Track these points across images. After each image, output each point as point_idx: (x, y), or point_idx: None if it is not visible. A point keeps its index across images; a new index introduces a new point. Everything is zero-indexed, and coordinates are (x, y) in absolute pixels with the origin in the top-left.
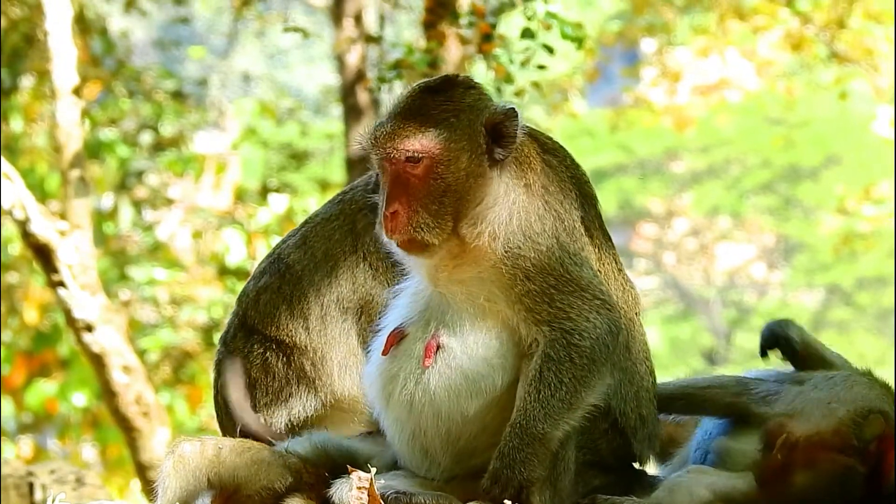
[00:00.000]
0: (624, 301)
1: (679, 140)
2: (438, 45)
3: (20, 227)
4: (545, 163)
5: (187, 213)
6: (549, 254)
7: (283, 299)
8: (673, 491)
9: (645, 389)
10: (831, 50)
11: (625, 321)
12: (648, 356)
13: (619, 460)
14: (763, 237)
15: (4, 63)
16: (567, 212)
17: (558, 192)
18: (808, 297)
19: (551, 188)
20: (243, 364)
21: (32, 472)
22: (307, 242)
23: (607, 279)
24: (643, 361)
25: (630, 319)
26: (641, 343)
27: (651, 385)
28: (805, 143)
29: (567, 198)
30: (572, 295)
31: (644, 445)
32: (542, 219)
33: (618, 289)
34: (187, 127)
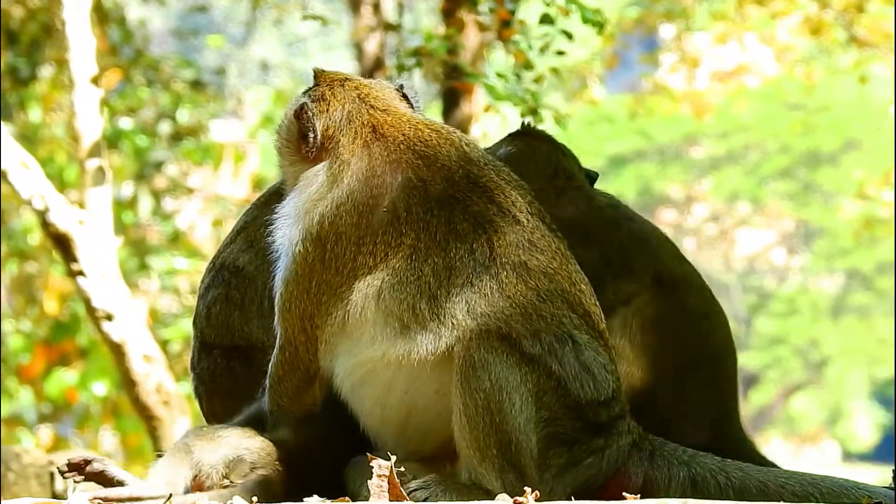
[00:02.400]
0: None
1: (698, 126)
2: (457, 32)
3: (39, 217)
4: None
5: (206, 201)
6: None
7: (233, 306)
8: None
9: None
10: (850, 34)
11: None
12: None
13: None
14: (783, 222)
15: (23, 53)
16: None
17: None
18: (828, 282)
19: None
20: (213, 382)
21: (53, 461)
22: (254, 244)
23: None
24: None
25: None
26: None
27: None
28: (824, 128)
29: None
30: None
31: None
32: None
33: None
34: (205, 116)
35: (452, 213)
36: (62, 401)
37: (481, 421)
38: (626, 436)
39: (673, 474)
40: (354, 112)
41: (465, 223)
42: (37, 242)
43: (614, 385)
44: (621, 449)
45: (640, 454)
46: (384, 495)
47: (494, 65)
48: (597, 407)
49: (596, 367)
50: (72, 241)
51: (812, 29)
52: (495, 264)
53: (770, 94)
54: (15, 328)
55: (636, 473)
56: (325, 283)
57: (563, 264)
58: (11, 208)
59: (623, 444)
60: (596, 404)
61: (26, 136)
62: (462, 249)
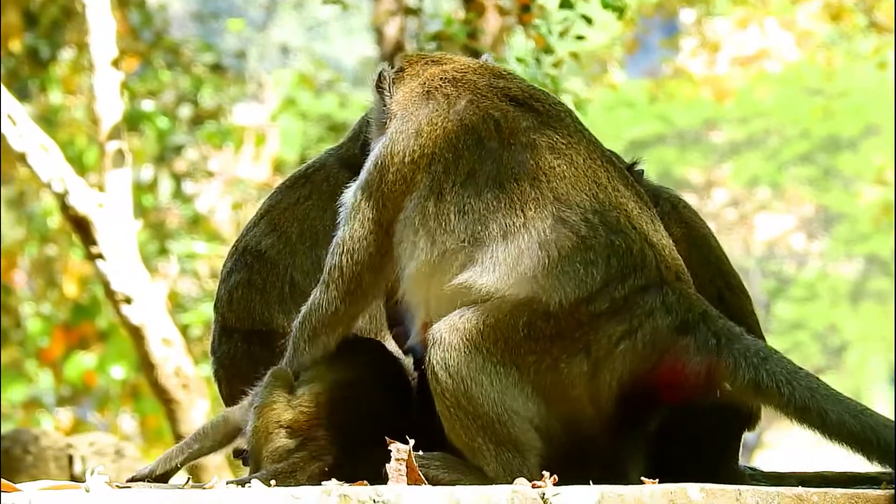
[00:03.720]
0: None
1: (718, 111)
2: (477, 17)
3: (59, 200)
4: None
5: (227, 185)
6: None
7: (255, 290)
8: None
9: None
10: (870, 20)
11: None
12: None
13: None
14: (802, 207)
15: (43, 35)
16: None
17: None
18: (847, 267)
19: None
20: (233, 366)
21: (72, 444)
22: (277, 228)
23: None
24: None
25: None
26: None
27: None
28: (844, 113)
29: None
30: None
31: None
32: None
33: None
34: (226, 99)
35: (464, 114)
36: (81, 384)
37: (455, 420)
38: (662, 315)
39: (739, 374)
40: (431, 72)
41: (474, 117)
42: (56, 225)
43: (612, 265)
44: (658, 330)
45: (697, 338)
46: (402, 479)
47: (514, 49)
48: (586, 303)
49: (573, 264)
50: (91, 225)
51: (832, 14)
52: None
53: (790, 80)
54: (35, 311)
55: (694, 361)
56: (370, 221)
57: (583, 146)
58: (31, 191)
59: (661, 324)
60: (582, 301)
61: (46, 119)
62: (470, 138)
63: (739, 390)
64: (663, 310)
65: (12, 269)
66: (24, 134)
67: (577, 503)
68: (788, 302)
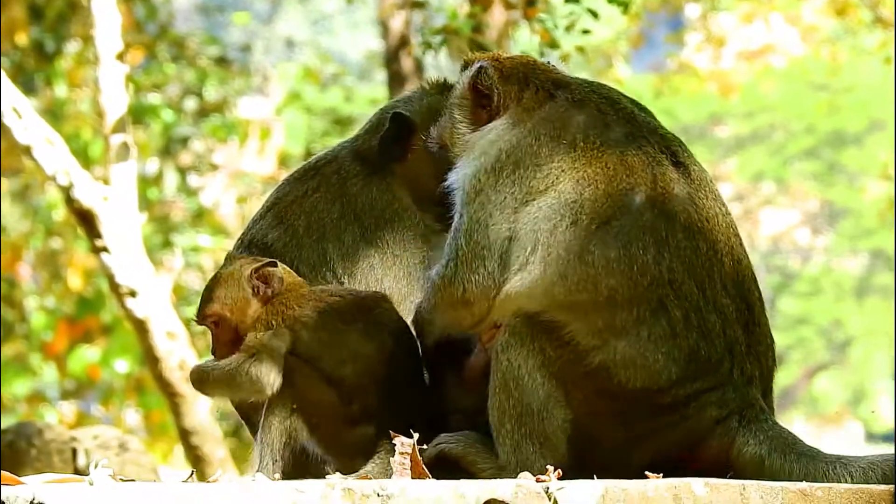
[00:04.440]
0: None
1: (723, 105)
2: (483, 10)
3: (64, 193)
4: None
5: (231, 178)
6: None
7: None
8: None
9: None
10: (875, 15)
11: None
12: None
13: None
14: (807, 202)
15: (48, 29)
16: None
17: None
18: (852, 262)
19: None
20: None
21: (76, 437)
22: (284, 221)
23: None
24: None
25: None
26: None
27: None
28: (849, 108)
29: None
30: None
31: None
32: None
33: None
34: (231, 93)
35: (626, 147)
36: (85, 377)
37: (496, 398)
38: (712, 408)
39: (747, 458)
40: (530, 72)
41: (635, 159)
42: (61, 219)
43: (689, 369)
44: (703, 421)
45: (731, 425)
46: (406, 473)
47: (520, 43)
48: (650, 393)
49: (656, 354)
50: (96, 218)
51: (837, 10)
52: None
53: (795, 75)
54: (39, 304)
55: (724, 444)
56: (498, 205)
57: (715, 225)
58: (36, 184)
59: (707, 416)
60: (648, 391)
61: (52, 112)
62: (626, 182)
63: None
64: (716, 406)
65: (17, 262)
66: (29, 127)
67: (581, 497)
68: (793, 297)
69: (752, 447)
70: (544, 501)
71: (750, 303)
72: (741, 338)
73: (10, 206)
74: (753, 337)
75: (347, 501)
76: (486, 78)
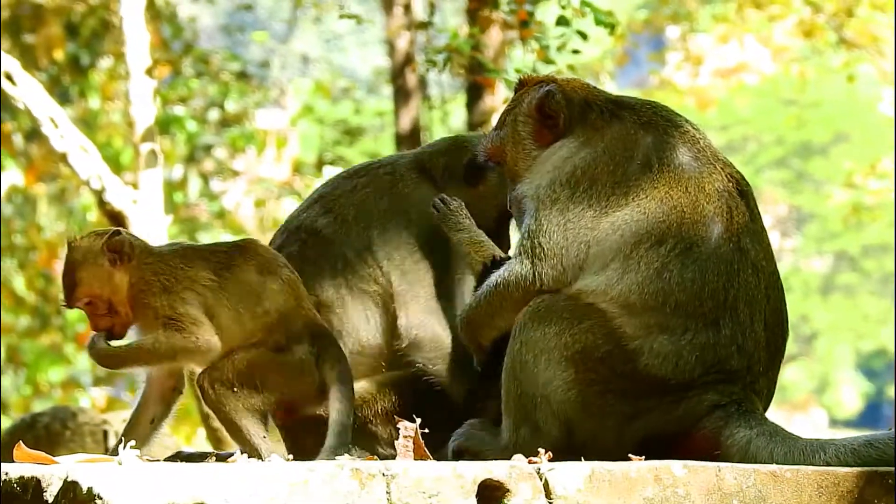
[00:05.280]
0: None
1: (701, 119)
2: (481, 31)
3: (97, 196)
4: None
5: (250, 183)
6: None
7: (307, 262)
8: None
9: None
10: (840, 36)
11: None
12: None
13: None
14: (777, 208)
15: (83, 45)
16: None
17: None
18: (818, 262)
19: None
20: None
21: (107, 420)
22: (333, 211)
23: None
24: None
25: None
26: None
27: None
28: (816, 122)
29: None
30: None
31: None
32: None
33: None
34: (250, 105)
35: (700, 174)
36: None
37: (504, 378)
38: (713, 394)
39: (735, 439)
40: (590, 95)
41: (710, 186)
42: (94, 220)
43: (710, 369)
44: (702, 403)
45: (729, 410)
46: (409, 455)
47: (515, 61)
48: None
49: (691, 355)
50: (126, 219)
51: (806, 31)
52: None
53: (767, 91)
54: None
55: (717, 427)
56: (577, 213)
57: (769, 263)
58: (71, 188)
59: (704, 400)
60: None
61: (86, 122)
62: (707, 210)
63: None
64: (718, 393)
65: (54, 259)
66: (65, 136)
67: (570, 477)
68: None
69: (742, 431)
70: (536, 481)
71: (782, 333)
72: (764, 360)
73: (47, 207)
74: (774, 363)
75: (355, 480)
76: (554, 102)
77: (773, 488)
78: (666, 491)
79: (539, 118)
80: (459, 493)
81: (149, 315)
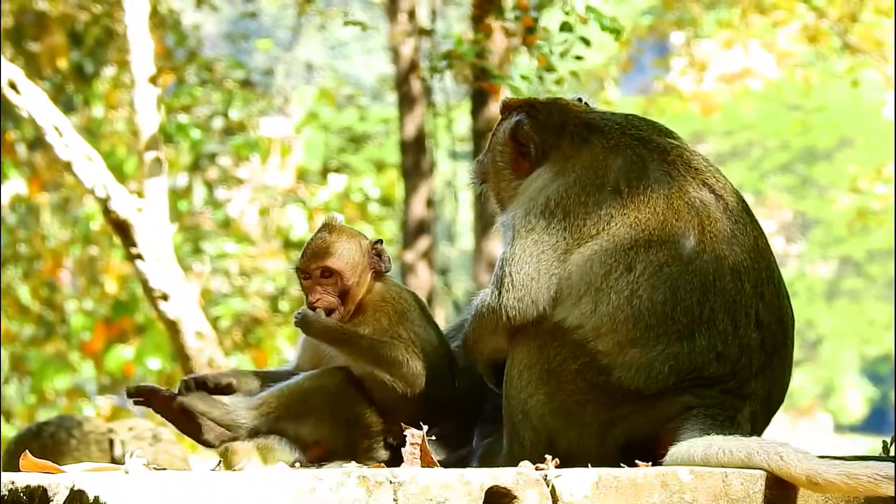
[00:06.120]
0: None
1: (705, 124)
2: (485, 38)
3: (101, 205)
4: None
5: (255, 191)
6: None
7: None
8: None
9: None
10: (844, 42)
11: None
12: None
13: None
14: (782, 213)
15: (87, 54)
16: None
17: None
18: (823, 268)
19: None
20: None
21: (112, 429)
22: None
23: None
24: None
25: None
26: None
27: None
28: (820, 127)
29: None
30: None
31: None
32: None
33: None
34: (255, 113)
35: (670, 190)
36: (120, 374)
37: (504, 394)
38: (688, 397)
39: (692, 443)
40: (565, 118)
41: (680, 200)
42: (99, 228)
43: (686, 376)
44: (671, 406)
45: (689, 416)
46: (416, 462)
47: (519, 67)
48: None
49: (664, 366)
50: (131, 227)
51: (810, 37)
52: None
53: (771, 96)
54: (78, 307)
55: (672, 431)
56: (551, 245)
57: (757, 256)
58: (75, 197)
59: (677, 402)
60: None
61: (90, 131)
62: (676, 227)
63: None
64: (690, 396)
65: (58, 268)
66: (69, 144)
67: (576, 484)
68: None
69: (689, 433)
70: (543, 488)
71: (784, 327)
72: (758, 362)
73: (51, 216)
74: (774, 360)
75: (362, 488)
76: (523, 133)
77: (780, 494)
78: (673, 497)
79: (514, 146)
80: (467, 499)
81: (374, 327)
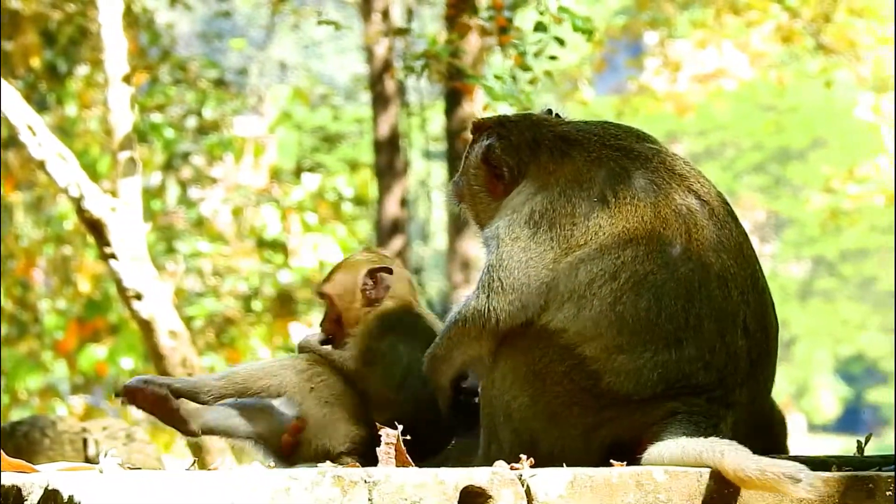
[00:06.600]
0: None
1: (679, 125)
2: (460, 37)
3: (75, 204)
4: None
5: (228, 191)
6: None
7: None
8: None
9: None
10: (818, 42)
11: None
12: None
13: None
14: (755, 213)
15: (60, 52)
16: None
17: None
18: (796, 268)
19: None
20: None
21: (86, 428)
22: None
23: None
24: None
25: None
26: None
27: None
28: (794, 127)
29: None
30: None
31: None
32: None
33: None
34: (228, 112)
35: (657, 198)
36: (93, 373)
37: (482, 394)
38: (671, 403)
39: (666, 443)
40: (539, 134)
41: (666, 208)
42: (72, 228)
43: (674, 384)
44: (657, 409)
45: (672, 420)
46: (391, 461)
47: (493, 67)
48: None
49: (652, 373)
50: (105, 227)
51: (783, 37)
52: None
53: (745, 96)
54: (51, 306)
55: (655, 434)
56: (539, 254)
57: (742, 263)
58: (49, 196)
59: (663, 407)
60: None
61: (63, 130)
62: (664, 236)
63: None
64: (677, 402)
65: (31, 267)
66: (42, 143)
67: (551, 483)
68: None
69: (668, 435)
70: (518, 487)
71: (768, 335)
72: (743, 370)
73: (24, 215)
74: (758, 368)
75: (336, 488)
76: (495, 157)
77: (755, 494)
78: (648, 496)
79: (487, 169)
80: (441, 499)
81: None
